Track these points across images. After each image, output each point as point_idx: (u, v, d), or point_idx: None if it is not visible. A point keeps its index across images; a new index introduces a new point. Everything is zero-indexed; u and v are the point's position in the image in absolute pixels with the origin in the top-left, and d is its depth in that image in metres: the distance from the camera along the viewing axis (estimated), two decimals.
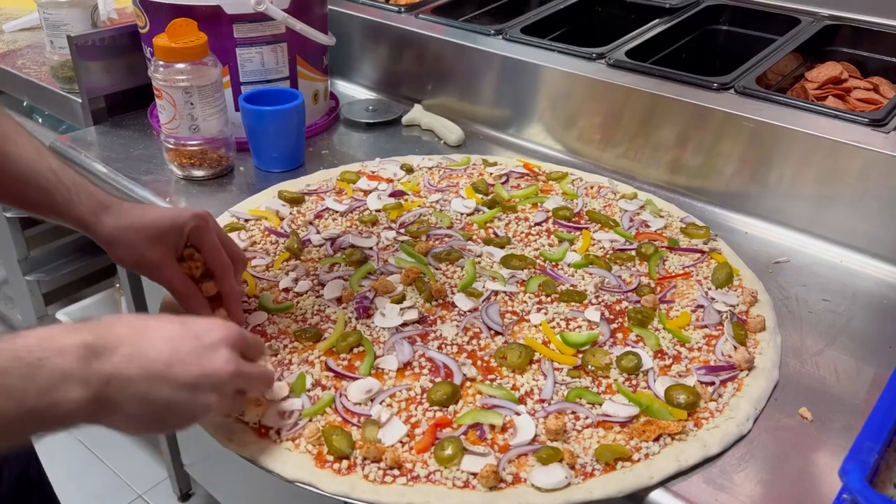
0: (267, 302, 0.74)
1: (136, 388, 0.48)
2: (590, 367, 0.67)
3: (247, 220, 0.87)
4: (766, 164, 0.89)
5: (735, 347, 0.69)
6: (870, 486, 0.51)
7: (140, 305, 1.20)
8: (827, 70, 1.04)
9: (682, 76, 0.96)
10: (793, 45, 1.04)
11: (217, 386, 0.52)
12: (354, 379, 0.65)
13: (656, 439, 0.59)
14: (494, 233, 0.86)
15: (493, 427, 0.60)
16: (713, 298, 0.75)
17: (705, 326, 0.72)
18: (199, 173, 0.98)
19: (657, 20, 1.14)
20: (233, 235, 0.84)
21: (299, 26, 1.01)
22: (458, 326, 0.71)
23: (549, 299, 0.75)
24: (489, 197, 0.93)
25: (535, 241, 0.85)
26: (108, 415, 0.48)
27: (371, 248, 0.82)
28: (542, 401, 0.63)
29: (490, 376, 0.66)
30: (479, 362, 0.68)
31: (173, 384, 0.50)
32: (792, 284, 0.80)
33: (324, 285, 0.76)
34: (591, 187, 0.95)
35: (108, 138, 1.09)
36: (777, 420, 0.64)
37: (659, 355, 0.68)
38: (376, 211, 0.89)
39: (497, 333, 0.71)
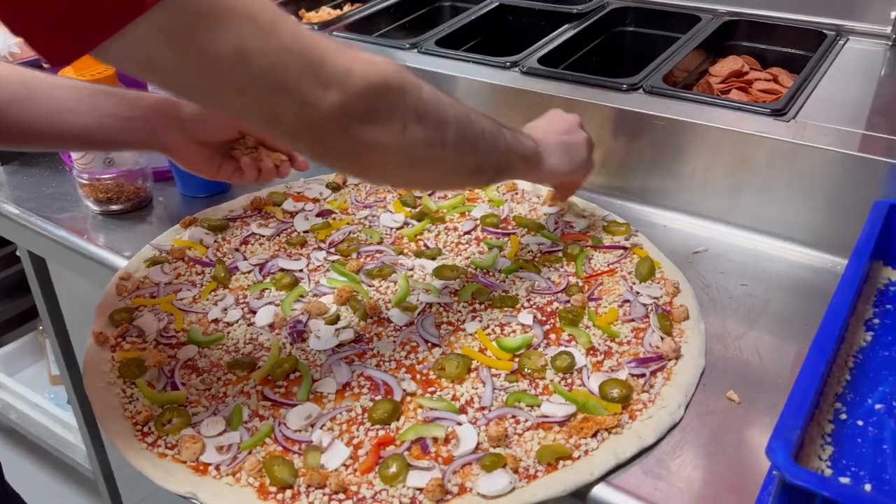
0: (196, 335, 0.72)
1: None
2: (526, 370, 0.68)
3: (169, 252, 0.85)
4: (679, 159, 0.92)
5: (662, 338, 0.71)
6: (795, 461, 0.54)
7: (65, 347, 1.16)
8: (729, 64, 1.09)
9: (593, 79, 0.99)
10: (695, 42, 1.08)
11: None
12: (292, 406, 0.64)
13: (594, 435, 0.61)
14: (425, 245, 0.87)
15: (436, 440, 0.61)
16: (638, 292, 0.78)
17: (633, 320, 0.74)
18: (116, 207, 0.95)
19: (566, 25, 1.17)
20: (155, 269, 0.82)
21: None
22: (394, 342, 0.71)
23: (482, 307, 0.76)
24: (417, 209, 0.93)
25: (466, 250, 0.86)
26: (543, 160, 0.76)
27: (301, 271, 0.81)
28: (483, 408, 0.64)
29: (430, 389, 0.66)
30: (418, 376, 0.68)
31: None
32: (711, 273, 0.84)
33: (255, 312, 0.75)
34: (517, 193, 0.97)
35: (17, 178, 1.05)
36: (707, 405, 0.66)
37: (591, 352, 0.70)
38: (304, 232, 0.88)
39: (434, 345, 0.71)
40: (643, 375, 0.67)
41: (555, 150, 0.78)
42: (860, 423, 0.62)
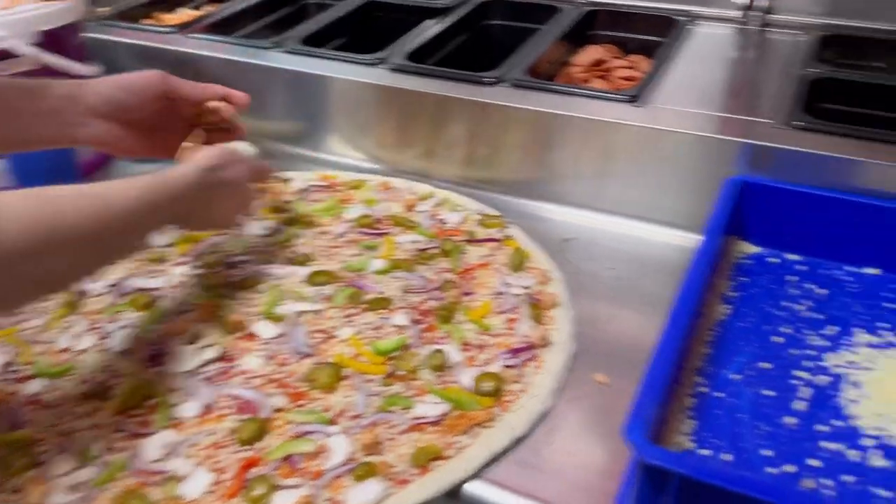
0: (44, 367, 0.67)
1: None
2: (400, 372, 0.67)
3: None
4: (547, 149, 0.94)
5: (533, 327, 0.72)
6: (654, 440, 0.55)
7: None
8: (590, 54, 1.11)
9: (459, 74, 0.99)
10: (556, 33, 1.10)
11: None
12: (150, 435, 0.60)
13: (468, 431, 0.61)
14: (297, 251, 0.84)
15: (306, 455, 0.59)
16: (509, 283, 0.78)
17: (505, 311, 0.74)
18: None
19: (434, 20, 1.17)
20: None
21: (52, 60, 0.93)
22: (263, 356, 0.69)
23: (357, 311, 0.75)
24: (288, 214, 0.90)
25: (340, 253, 0.84)
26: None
27: (160, 289, 0.77)
28: (357, 416, 0.63)
29: (301, 402, 0.64)
30: (289, 390, 0.65)
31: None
32: (581, 259, 0.85)
33: (109, 337, 0.70)
34: (391, 191, 0.96)
35: None
36: (578, 389, 0.67)
37: (465, 347, 0.70)
38: (164, 247, 0.83)
39: (306, 356, 0.69)
40: (516, 366, 0.67)
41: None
42: (719, 394, 0.64)
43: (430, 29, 1.14)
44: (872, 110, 0.91)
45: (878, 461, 0.57)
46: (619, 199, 0.92)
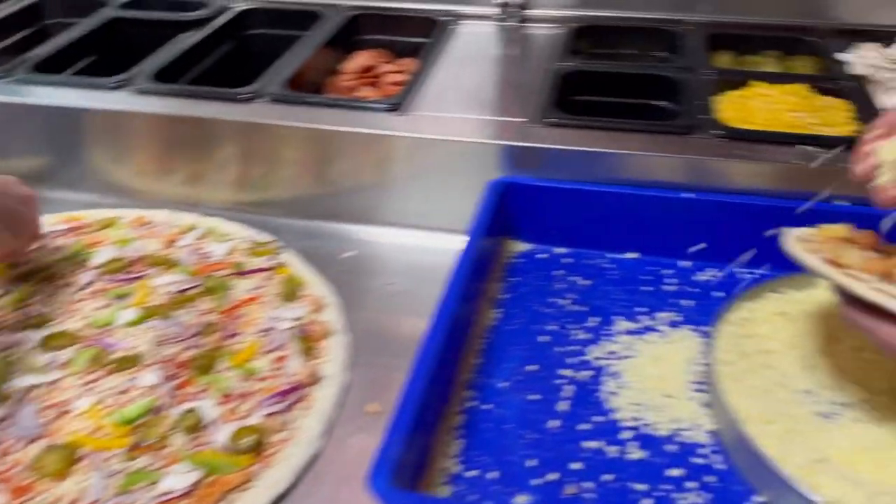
0: None
1: None
2: (147, 441, 0.60)
3: None
4: (322, 164, 0.89)
5: (302, 364, 0.67)
6: (414, 474, 0.53)
7: None
8: (358, 60, 1.08)
9: (211, 92, 0.92)
10: (320, 39, 1.06)
11: None
12: None
13: (222, 499, 0.55)
14: (31, 312, 0.74)
15: None
16: (279, 317, 0.73)
17: (273, 350, 0.69)
18: None
19: (187, 34, 1.08)
20: None
21: None
22: None
23: (100, 375, 0.66)
24: (21, 269, 0.79)
25: (83, 308, 0.74)
26: None
27: None
28: (94, 503, 0.55)
29: (25, 497, 0.55)
30: (11, 484, 0.56)
31: None
32: (360, 276, 0.82)
33: None
34: (148, 226, 0.87)
35: None
36: (351, 424, 0.64)
37: (226, 399, 0.64)
38: None
39: (34, 440, 0.60)
40: (281, 412, 0.63)
41: None
42: (488, 406, 0.63)
43: (182, 44, 1.05)
44: (621, 98, 0.95)
45: (635, 453, 0.58)
46: (397, 209, 0.89)
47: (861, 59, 0.93)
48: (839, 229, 0.57)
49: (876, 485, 0.52)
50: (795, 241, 0.57)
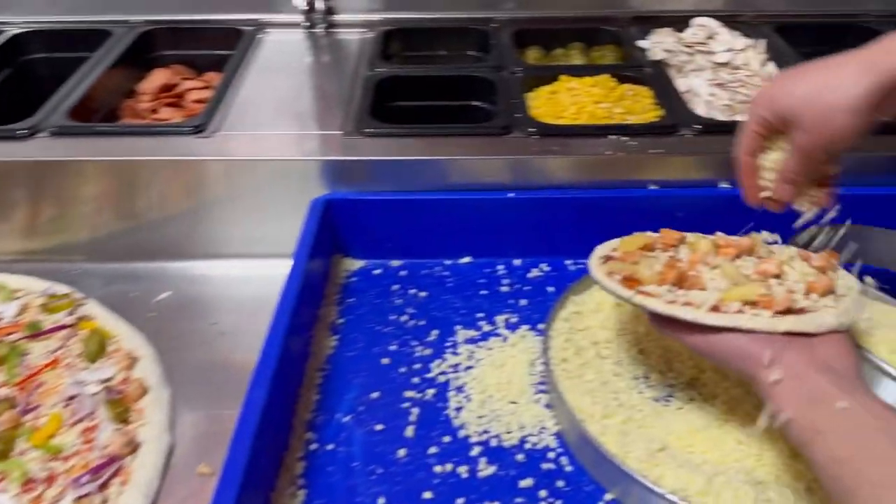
0: None
1: None
2: None
3: None
4: (120, 199, 0.81)
5: (115, 432, 0.60)
6: None
7: None
8: (155, 79, 0.99)
9: None
10: (110, 60, 0.96)
11: None
12: None
13: None
14: None
15: None
16: (84, 381, 0.64)
17: (81, 420, 0.61)
18: None
19: None
20: None
21: None
22: None
23: None
24: None
25: None
26: None
27: None
28: None
29: None
30: None
31: None
32: (178, 320, 0.74)
33: None
34: None
35: None
36: (181, 490, 0.57)
37: (28, 487, 0.56)
38: None
39: None
40: (93, 492, 0.55)
41: None
42: (330, 446, 0.59)
43: None
44: (438, 101, 0.94)
45: (486, 470, 0.57)
46: (214, 239, 0.83)
47: (658, 44, 0.98)
48: (637, 239, 0.58)
49: (712, 465, 0.53)
50: (597, 263, 0.58)
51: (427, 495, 0.55)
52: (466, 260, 0.80)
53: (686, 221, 0.75)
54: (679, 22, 1.04)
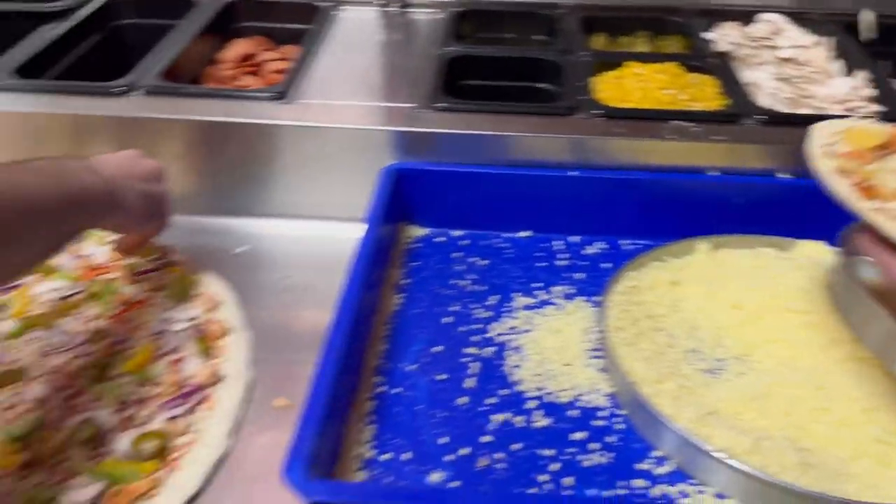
0: None
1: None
2: (41, 457, 0.56)
3: None
4: (206, 158, 0.86)
5: (201, 364, 0.65)
6: (328, 463, 0.53)
7: None
8: (237, 48, 1.05)
9: (80, 87, 0.87)
10: (196, 28, 1.01)
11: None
12: None
13: None
14: None
15: None
16: (171, 318, 0.70)
17: (168, 353, 0.67)
18: None
19: (49, 26, 1.01)
20: None
21: None
22: None
23: None
24: None
25: None
26: (119, 204, 0.63)
27: None
28: None
29: None
30: None
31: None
32: (256, 272, 0.80)
33: None
34: None
35: None
36: (258, 422, 0.62)
37: (122, 407, 0.61)
38: None
39: None
40: (183, 414, 0.61)
41: (134, 196, 0.66)
42: (398, 390, 0.64)
43: (45, 37, 0.98)
44: (505, 81, 0.98)
45: (540, 421, 0.61)
46: (288, 200, 0.88)
47: (723, 37, 1.00)
48: (869, 133, 0.47)
49: (760, 431, 0.56)
50: (819, 153, 0.46)
51: (485, 439, 0.59)
52: (526, 234, 0.84)
53: (743, 209, 0.79)
54: (745, 17, 1.05)
